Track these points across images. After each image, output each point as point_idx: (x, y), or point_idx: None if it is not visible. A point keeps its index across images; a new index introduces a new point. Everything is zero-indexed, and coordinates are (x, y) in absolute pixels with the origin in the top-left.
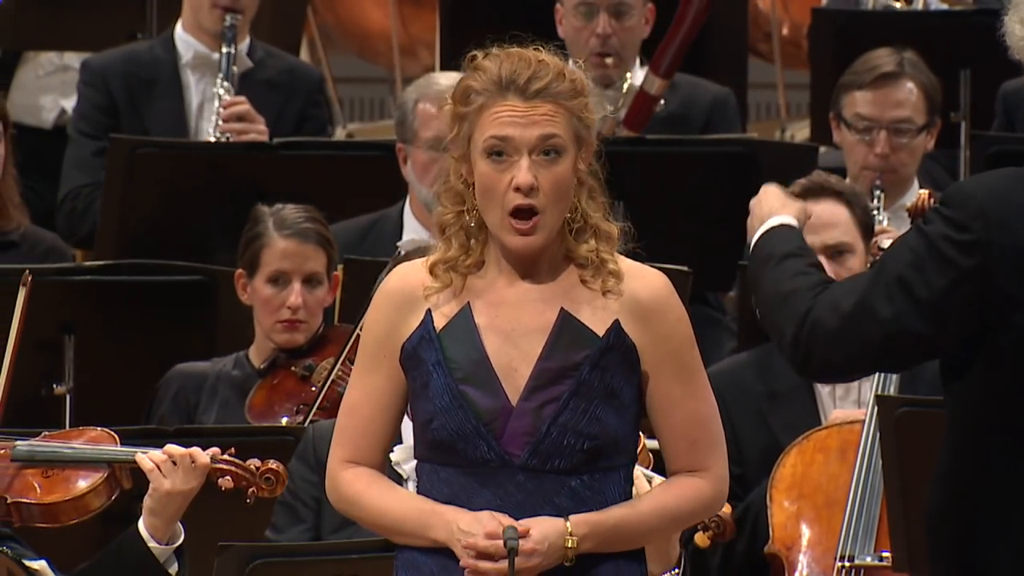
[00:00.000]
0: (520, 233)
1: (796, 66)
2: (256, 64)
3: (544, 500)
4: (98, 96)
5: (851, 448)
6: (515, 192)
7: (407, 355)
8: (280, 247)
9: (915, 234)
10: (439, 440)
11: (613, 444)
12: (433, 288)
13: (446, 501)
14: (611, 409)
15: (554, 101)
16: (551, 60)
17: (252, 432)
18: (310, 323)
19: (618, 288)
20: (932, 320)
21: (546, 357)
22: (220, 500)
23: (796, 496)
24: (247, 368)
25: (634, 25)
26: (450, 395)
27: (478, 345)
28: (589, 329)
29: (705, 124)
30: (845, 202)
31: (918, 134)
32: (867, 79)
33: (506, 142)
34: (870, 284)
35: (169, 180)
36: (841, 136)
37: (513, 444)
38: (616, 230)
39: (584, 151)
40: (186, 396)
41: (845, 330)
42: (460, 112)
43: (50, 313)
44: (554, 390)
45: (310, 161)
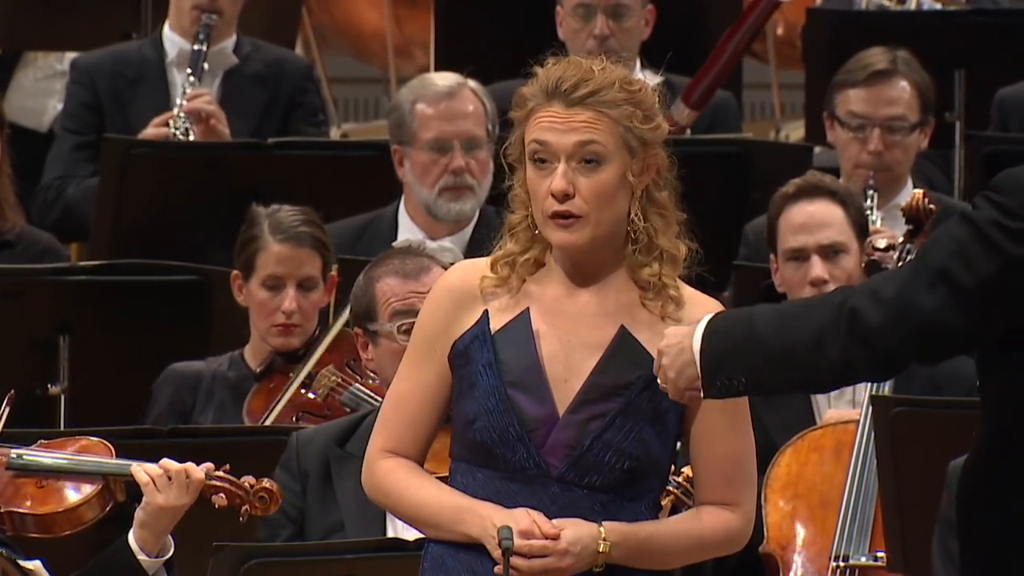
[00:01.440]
0: (560, 228)
1: (790, 66)
2: (243, 60)
3: (574, 515)
4: (84, 94)
5: (846, 448)
6: (552, 198)
7: (457, 353)
8: (275, 252)
9: (959, 222)
10: (480, 441)
11: (652, 467)
12: (491, 280)
13: None
14: (655, 432)
15: (597, 109)
16: (609, 69)
17: (246, 432)
18: (305, 327)
19: (677, 315)
20: (976, 311)
21: (600, 371)
22: None
23: (791, 496)
24: (243, 369)
25: (633, 26)
26: (497, 397)
27: (532, 351)
28: (646, 350)
29: (707, 128)
30: (839, 202)
31: (911, 132)
32: (860, 77)
33: (545, 147)
34: (911, 274)
35: (164, 180)
36: (835, 135)
37: (553, 455)
38: (683, 252)
39: (638, 163)
40: (182, 398)
41: (887, 321)
42: (515, 117)
43: (45, 313)
44: (603, 406)
45: (304, 161)
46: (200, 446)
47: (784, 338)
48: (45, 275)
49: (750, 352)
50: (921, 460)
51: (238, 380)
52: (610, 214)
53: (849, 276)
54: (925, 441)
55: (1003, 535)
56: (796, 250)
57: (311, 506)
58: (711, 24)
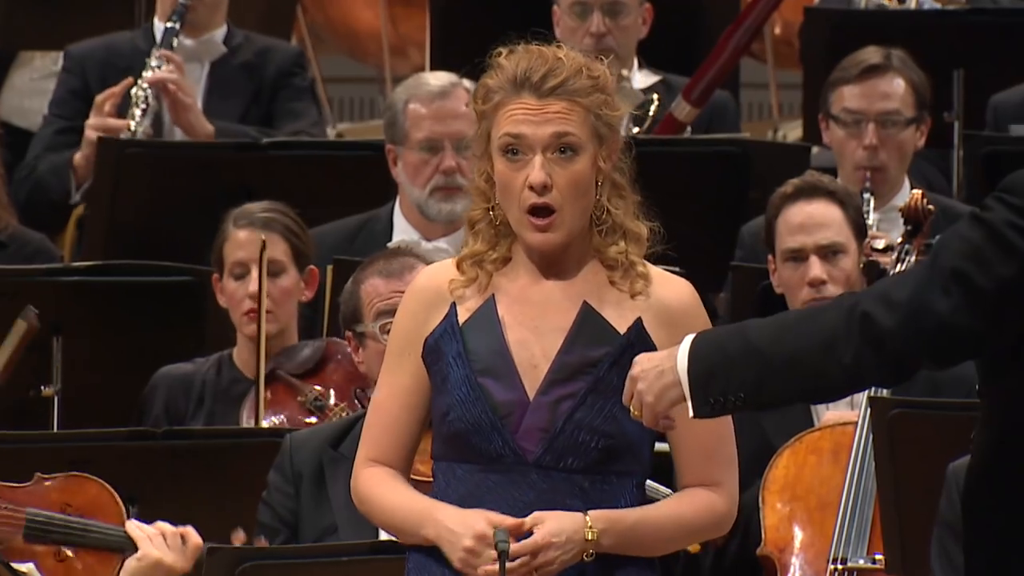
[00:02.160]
0: (538, 230)
1: (788, 66)
2: (232, 50)
3: (555, 501)
4: (74, 81)
5: (844, 450)
6: (529, 191)
7: (429, 350)
8: (236, 238)
9: (971, 224)
10: (454, 432)
11: (628, 447)
12: (459, 282)
13: (460, 500)
14: (627, 410)
15: (569, 98)
16: (571, 56)
17: (240, 434)
18: (276, 313)
19: (646, 291)
20: (990, 313)
21: (566, 351)
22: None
23: (789, 498)
24: (233, 371)
25: (629, 24)
26: (468, 386)
27: (500, 337)
28: (611, 326)
29: (705, 128)
30: (838, 202)
31: (906, 127)
32: (853, 73)
33: (520, 140)
34: (924, 277)
35: (157, 180)
36: (831, 135)
37: (528, 439)
38: (646, 231)
39: (606, 148)
40: (176, 402)
41: (902, 325)
42: (479, 110)
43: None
44: (572, 386)
45: (299, 161)
46: (194, 448)
47: (788, 347)
48: (37, 276)
49: (747, 365)
50: (920, 462)
51: (229, 383)
52: (583, 204)
53: (847, 277)
54: (924, 443)
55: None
56: (794, 250)
57: (304, 508)
58: (710, 22)
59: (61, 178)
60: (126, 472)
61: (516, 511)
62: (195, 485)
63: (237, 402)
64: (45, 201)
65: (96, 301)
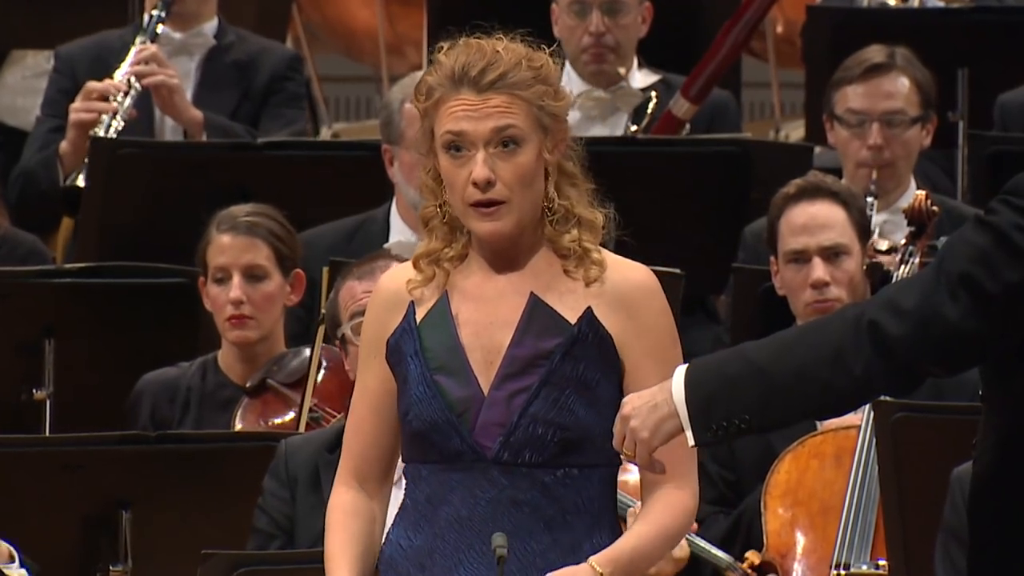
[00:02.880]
0: (485, 218)
1: (790, 65)
2: (224, 47)
3: (517, 498)
4: (64, 81)
5: (847, 454)
6: (473, 187)
7: (391, 350)
8: (218, 244)
9: (976, 228)
10: (415, 431)
11: (586, 438)
12: (416, 281)
13: (426, 499)
14: (584, 401)
15: (509, 92)
16: (511, 48)
17: (234, 439)
18: (260, 319)
19: (601, 277)
20: (998, 317)
21: (516, 344)
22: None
23: (791, 503)
24: (218, 376)
25: (629, 23)
26: (425, 385)
27: (453, 333)
28: (561, 316)
29: (706, 127)
30: (841, 203)
31: (911, 126)
32: (856, 73)
33: (461, 136)
34: (930, 283)
35: (151, 181)
36: (835, 136)
37: (485, 436)
38: (601, 218)
39: (551, 139)
40: (162, 412)
41: (911, 332)
42: (421, 107)
43: (30, 316)
44: (525, 379)
45: (295, 161)
46: (188, 452)
47: (793, 362)
48: (30, 278)
49: (750, 386)
50: (924, 466)
51: (215, 387)
52: (532, 195)
53: (851, 278)
54: (928, 447)
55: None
56: (797, 252)
57: (300, 513)
58: (710, 21)
59: (49, 169)
60: (119, 476)
61: (479, 509)
62: (189, 489)
63: (223, 407)
64: (35, 193)
65: (89, 303)
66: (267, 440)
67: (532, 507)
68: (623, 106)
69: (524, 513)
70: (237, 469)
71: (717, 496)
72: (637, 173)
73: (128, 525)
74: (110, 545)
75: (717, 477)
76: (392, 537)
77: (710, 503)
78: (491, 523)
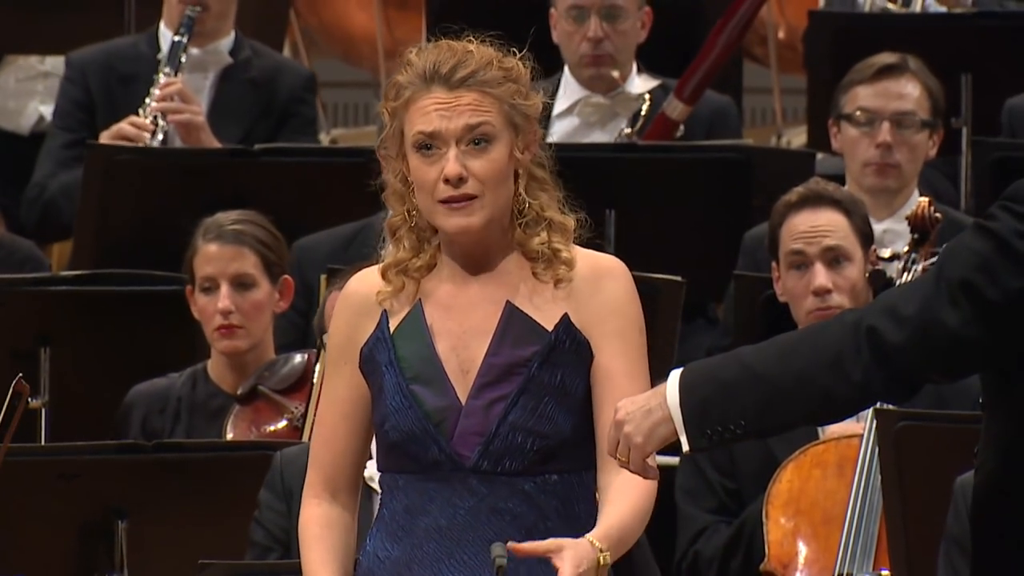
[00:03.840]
0: (454, 212)
1: (792, 70)
2: (240, 63)
3: (497, 506)
4: (76, 91)
5: (849, 463)
6: (444, 184)
7: (365, 359)
8: (205, 253)
9: (977, 234)
10: (392, 442)
11: (566, 445)
12: (386, 293)
13: (404, 510)
14: (564, 408)
15: (480, 89)
16: (481, 50)
17: (231, 447)
18: (249, 328)
19: (569, 275)
20: (1000, 325)
21: (493, 353)
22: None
23: (793, 512)
24: (209, 386)
25: (628, 29)
26: (401, 394)
27: (428, 342)
28: (538, 324)
29: (707, 134)
30: (843, 210)
31: (921, 129)
32: (868, 74)
33: (433, 136)
34: (931, 290)
35: (148, 187)
36: (841, 139)
37: (464, 445)
38: (572, 221)
39: (522, 139)
40: (152, 423)
41: (910, 339)
42: (390, 108)
43: (26, 324)
44: (503, 387)
45: (292, 167)
46: (185, 461)
47: (791, 368)
48: (25, 285)
49: (746, 391)
50: (927, 475)
51: (206, 397)
52: (503, 193)
53: (853, 285)
54: (931, 456)
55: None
56: (798, 254)
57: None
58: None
59: (72, 200)
60: (115, 486)
61: (457, 518)
62: (185, 499)
63: (215, 417)
64: (57, 224)
65: (85, 311)
66: (264, 449)
67: (512, 515)
68: (623, 111)
69: (504, 521)
70: (234, 478)
71: (718, 505)
72: (638, 179)
73: (124, 535)
74: (105, 555)
75: (718, 486)
76: (369, 548)
77: (712, 512)
78: (470, 532)
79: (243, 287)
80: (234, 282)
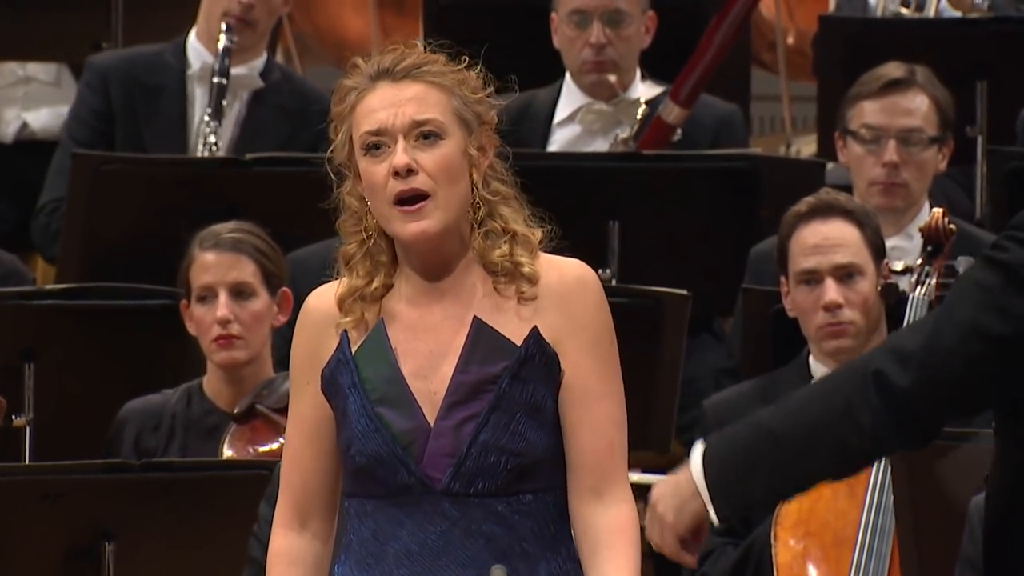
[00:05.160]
0: (410, 217)
1: (802, 77)
2: (270, 87)
3: (470, 529)
4: (95, 99)
5: (860, 483)
6: (394, 178)
7: (327, 382)
8: (202, 262)
9: (985, 267)
10: (359, 467)
11: (539, 463)
12: (345, 323)
13: (372, 535)
14: (535, 424)
15: (425, 81)
16: (430, 52)
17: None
18: (248, 339)
19: (532, 292)
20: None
21: (461, 370)
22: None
23: (802, 534)
24: (204, 403)
25: (631, 35)
26: (367, 417)
27: (393, 363)
28: (506, 339)
29: (712, 143)
30: (855, 222)
31: (928, 146)
32: (874, 88)
33: (380, 132)
34: (940, 330)
35: (137, 198)
36: (847, 153)
37: (434, 467)
38: (539, 234)
39: (475, 138)
40: (145, 441)
41: (919, 382)
42: (337, 112)
43: (9, 339)
44: (473, 406)
45: (286, 178)
46: (175, 481)
47: (804, 422)
48: (9, 299)
49: (767, 453)
50: (940, 496)
51: (201, 414)
52: (458, 192)
53: (864, 300)
54: (945, 476)
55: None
56: (809, 272)
57: None
58: None
59: None
60: (102, 507)
61: (429, 543)
62: (176, 521)
63: (210, 434)
64: None
65: (71, 325)
66: (258, 468)
67: (487, 537)
68: (626, 119)
69: (479, 544)
70: (227, 499)
71: (724, 527)
72: (641, 190)
73: (111, 558)
74: None
75: None
76: None
77: (718, 534)
78: (443, 557)
79: (242, 296)
80: (233, 291)
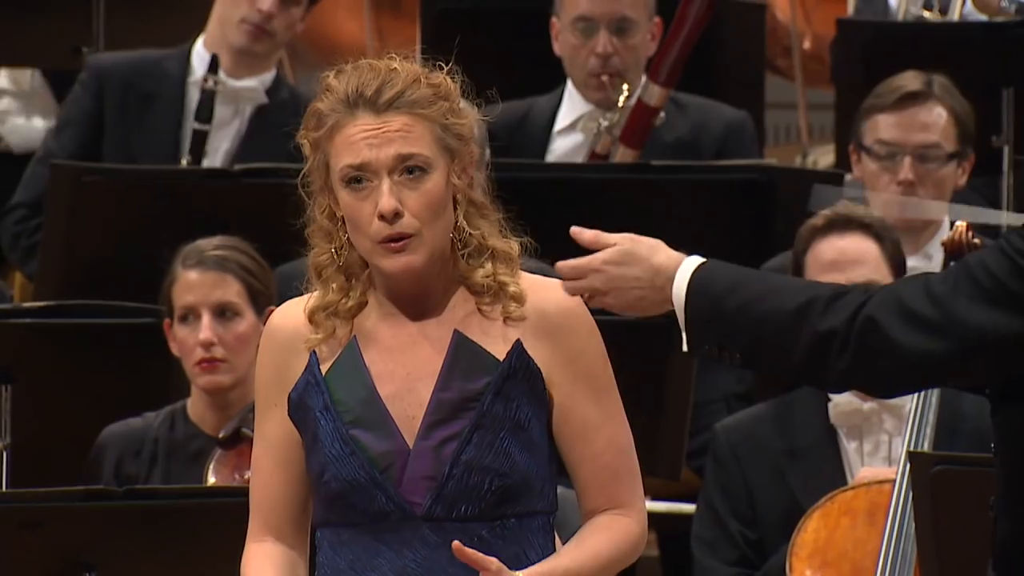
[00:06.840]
0: (395, 252)
1: (819, 84)
2: (276, 104)
3: (451, 555)
4: (89, 99)
5: (881, 511)
6: (380, 221)
7: (295, 406)
8: (185, 280)
9: (996, 254)
10: (333, 493)
11: (525, 485)
12: (315, 340)
13: (349, 566)
14: (520, 443)
15: (410, 112)
16: (406, 67)
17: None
18: (232, 362)
19: (519, 312)
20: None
21: (442, 388)
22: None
23: (819, 564)
24: (188, 427)
25: (638, 43)
26: (341, 441)
27: (367, 383)
28: (488, 353)
29: (718, 152)
30: (874, 236)
31: (946, 163)
32: (889, 100)
33: (363, 168)
34: (949, 293)
35: (120, 211)
36: (862, 168)
37: (413, 491)
38: (516, 247)
39: (458, 163)
40: (127, 468)
41: (923, 339)
42: (312, 139)
43: None
44: (455, 425)
45: (274, 189)
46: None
47: (783, 310)
48: None
49: (741, 329)
50: (964, 524)
51: (185, 439)
52: (442, 226)
53: None
54: (969, 503)
55: None
56: None
57: None
58: (726, 35)
59: None
60: (83, 536)
61: (408, 571)
62: (159, 550)
63: (194, 460)
64: None
65: (51, 345)
66: (245, 495)
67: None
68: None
69: (461, 572)
70: (213, 527)
71: (739, 557)
72: (651, 202)
73: None
74: None
75: (739, 536)
76: None
77: (731, 564)
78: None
79: (226, 317)
80: (216, 311)
